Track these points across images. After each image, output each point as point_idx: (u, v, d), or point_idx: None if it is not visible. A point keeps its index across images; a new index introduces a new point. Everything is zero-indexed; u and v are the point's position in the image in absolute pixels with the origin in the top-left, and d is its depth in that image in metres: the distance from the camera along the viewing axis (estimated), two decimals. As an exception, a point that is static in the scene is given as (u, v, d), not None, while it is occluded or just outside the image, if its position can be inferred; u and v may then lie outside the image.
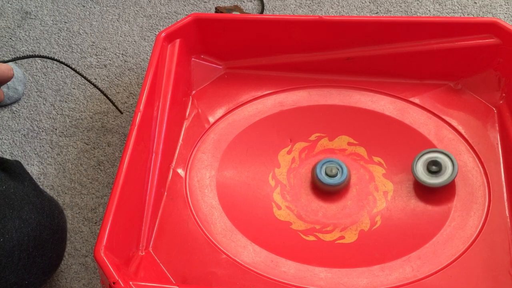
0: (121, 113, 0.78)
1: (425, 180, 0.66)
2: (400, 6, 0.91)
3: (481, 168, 0.68)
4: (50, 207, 0.60)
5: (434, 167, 0.66)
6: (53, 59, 0.71)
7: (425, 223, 0.65)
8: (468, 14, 0.89)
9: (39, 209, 0.58)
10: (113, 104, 0.79)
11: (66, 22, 0.94)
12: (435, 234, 0.64)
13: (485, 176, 0.68)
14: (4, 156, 0.77)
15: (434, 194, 0.67)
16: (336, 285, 0.61)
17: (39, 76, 0.86)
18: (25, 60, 0.89)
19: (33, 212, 0.57)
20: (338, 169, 0.67)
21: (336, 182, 0.67)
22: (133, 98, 0.83)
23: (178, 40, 0.74)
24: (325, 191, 0.68)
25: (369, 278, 0.61)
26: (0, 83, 0.67)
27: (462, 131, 0.72)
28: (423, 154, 0.67)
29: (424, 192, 0.67)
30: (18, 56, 0.68)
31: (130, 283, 0.53)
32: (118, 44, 0.90)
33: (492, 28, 0.71)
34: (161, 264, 0.62)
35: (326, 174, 0.67)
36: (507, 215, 0.64)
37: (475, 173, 0.68)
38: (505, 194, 0.66)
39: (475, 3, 0.90)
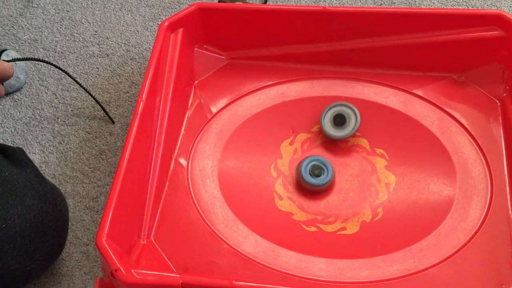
0: (113, 122, 0.78)
1: (331, 133, 0.70)
2: (404, -2, 0.91)
3: (484, 161, 0.68)
4: (53, 194, 0.60)
5: (339, 120, 0.70)
6: (53, 65, 0.72)
7: (427, 215, 0.65)
8: (472, 6, 0.89)
9: (41, 195, 0.58)
10: (106, 113, 0.78)
11: (68, 11, 0.93)
12: (437, 226, 0.64)
13: (487, 168, 0.68)
14: (6, 144, 0.77)
15: (436, 187, 0.67)
16: (337, 276, 0.61)
17: (41, 65, 0.86)
18: (27, 48, 0.88)
19: (36, 198, 0.57)
20: (322, 169, 0.67)
21: (321, 183, 0.66)
22: (136, 88, 0.83)
23: (181, 30, 0.74)
24: (310, 191, 0.68)
25: (370, 269, 0.61)
26: (0, 80, 0.66)
27: (465, 124, 0.71)
28: (329, 109, 0.71)
29: (426, 184, 0.67)
30: (19, 58, 0.68)
31: (132, 271, 0.53)
32: (121, 33, 0.89)
33: (497, 20, 0.71)
34: (162, 253, 0.62)
35: (312, 174, 0.67)
36: (509, 207, 0.64)
37: (477, 166, 0.68)
38: (507, 187, 0.66)
39: (480, -5, 0.90)
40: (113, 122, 0.78)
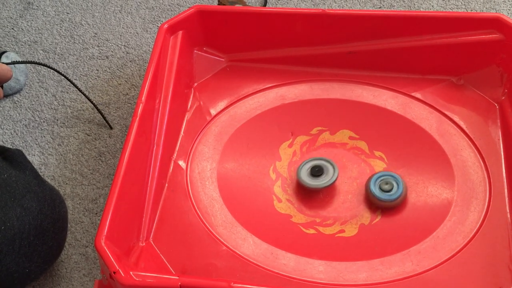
0: (111, 128, 0.78)
1: (307, 182, 0.67)
2: (404, 1, 0.91)
3: (482, 164, 0.68)
4: (51, 196, 0.60)
5: (316, 170, 0.67)
6: (52, 68, 0.72)
7: (425, 217, 0.65)
8: (471, 10, 0.89)
9: (40, 198, 0.58)
10: (104, 118, 0.78)
11: (68, 13, 0.93)
12: (435, 229, 0.64)
13: (486, 171, 0.68)
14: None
15: (435, 189, 0.67)
16: (335, 278, 0.61)
17: (40, 67, 0.86)
18: (27, 50, 0.88)
19: (35, 200, 0.57)
20: (393, 184, 0.65)
21: (391, 198, 0.64)
22: (135, 90, 0.83)
23: (180, 32, 0.74)
24: (380, 206, 0.66)
25: (368, 272, 0.61)
26: None
27: (464, 127, 0.72)
28: (307, 162, 0.68)
29: (424, 186, 0.67)
30: (18, 61, 0.68)
31: (131, 273, 0.53)
32: (120, 35, 0.90)
33: (496, 23, 0.71)
34: (161, 255, 0.62)
35: (381, 189, 0.65)
36: (508, 210, 0.64)
37: (476, 169, 0.68)
38: (505, 190, 0.66)
39: (479, -2, 0.90)
40: (111, 128, 0.78)
